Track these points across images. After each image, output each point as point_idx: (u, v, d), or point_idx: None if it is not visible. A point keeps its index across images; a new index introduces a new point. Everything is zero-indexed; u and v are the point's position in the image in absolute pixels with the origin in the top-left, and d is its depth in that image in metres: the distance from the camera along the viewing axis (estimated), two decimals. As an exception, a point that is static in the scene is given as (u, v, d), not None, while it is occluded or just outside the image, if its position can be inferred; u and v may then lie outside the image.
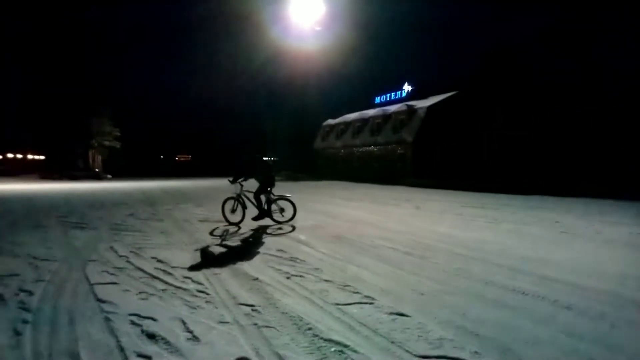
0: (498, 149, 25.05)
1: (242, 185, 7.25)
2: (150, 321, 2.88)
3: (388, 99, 31.68)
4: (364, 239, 6.21)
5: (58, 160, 43.61)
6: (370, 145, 30.12)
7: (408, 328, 2.79)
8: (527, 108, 23.88)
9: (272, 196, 7.36)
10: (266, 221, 7.50)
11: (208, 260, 4.78)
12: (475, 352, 2.44)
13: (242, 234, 6.62)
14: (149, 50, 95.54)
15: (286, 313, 3.06)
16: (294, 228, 7.10)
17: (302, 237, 6.25)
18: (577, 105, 20.96)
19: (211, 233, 6.65)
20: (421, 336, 2.66)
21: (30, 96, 43.98)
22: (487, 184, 18.50)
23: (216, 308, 3.16)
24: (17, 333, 2.69)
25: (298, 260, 4.74)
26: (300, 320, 2.91)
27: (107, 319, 2.91)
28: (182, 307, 3.18)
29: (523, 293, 3.59)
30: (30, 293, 3.48)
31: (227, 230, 6.91)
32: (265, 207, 7.28)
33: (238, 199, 7.30)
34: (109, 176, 36.83)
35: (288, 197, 7.59)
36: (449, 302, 3.33)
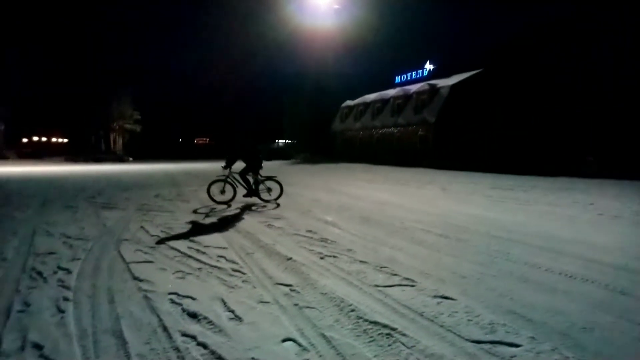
0: (521, 130, 24.25)
1: (230, 168, 7.56)
2: (189, 300, 2.84)
3: (409, 78, 30.74)
4: (393, 220, 6.08)
5: (81, 143, 44.75)
6: (390, 127, 29.52)
7: (456, 312, 2.66)
8: (542, 97, 23.27)
9: (259, 177, 7.68)
10: (297, 201, 7.50)
11: (239, 239, 4.73)
12: (532, 338, 2.30)
13: (269, 214, 6.57)
14: (168, 32, 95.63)
15: (326, 294, 2.97)
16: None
17: (329, 219, 6.15)
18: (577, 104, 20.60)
19: (240, 212, 6.64)
20: (471, 320, 2.54)
21: (52, 81, 44.88)
22: (511, 165, 18.01)
23: (254, 287, 3.10)
24: (60, 310, 2.69)
25: (329, 241, 4.65)
26: (342, 302, 2.82)
27: (147, 298, 2.89)
28: (220, 286, 3.13)
29: (570, 276, 3.42)
30: (68, 271, 3.49)
31: (255, 211, 6.88)
32: (254, 187, 7.63)
33: (226, 180, 7.58)
34: (130, 159, 37.54)
35: (275, 178, 7.90)
36: (494, 285, 3.19)
